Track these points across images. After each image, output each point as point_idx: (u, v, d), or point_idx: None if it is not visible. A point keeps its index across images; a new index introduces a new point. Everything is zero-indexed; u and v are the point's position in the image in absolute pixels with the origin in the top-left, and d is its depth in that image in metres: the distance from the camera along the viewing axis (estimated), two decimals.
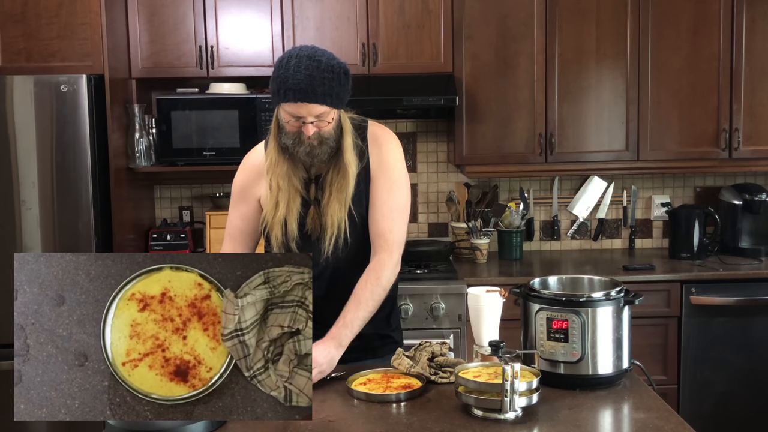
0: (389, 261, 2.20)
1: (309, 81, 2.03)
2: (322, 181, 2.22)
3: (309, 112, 2.06)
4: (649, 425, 1.79)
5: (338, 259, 2.22)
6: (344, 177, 2.17)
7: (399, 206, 2.25)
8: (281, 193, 2.19)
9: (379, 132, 2.30)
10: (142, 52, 3.76)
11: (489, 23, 3.81)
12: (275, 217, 2.20)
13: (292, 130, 2.12)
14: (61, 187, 3.41)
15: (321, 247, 2.20)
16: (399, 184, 2.26)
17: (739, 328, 3.67)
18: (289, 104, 2.06)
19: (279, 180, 2.19)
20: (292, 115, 2.08)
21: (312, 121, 2.08)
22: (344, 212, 2.18)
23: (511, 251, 4.08)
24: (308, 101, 2.04)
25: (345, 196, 2.17)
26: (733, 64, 3.86)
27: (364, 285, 2.16)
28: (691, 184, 4.32)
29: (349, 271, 2.22)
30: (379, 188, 2.23)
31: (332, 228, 2.17)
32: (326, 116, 2.09)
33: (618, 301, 2.02)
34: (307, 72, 2.03)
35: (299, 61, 2.05)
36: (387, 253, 2.20)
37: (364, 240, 2.25)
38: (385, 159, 2.25)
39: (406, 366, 2.09)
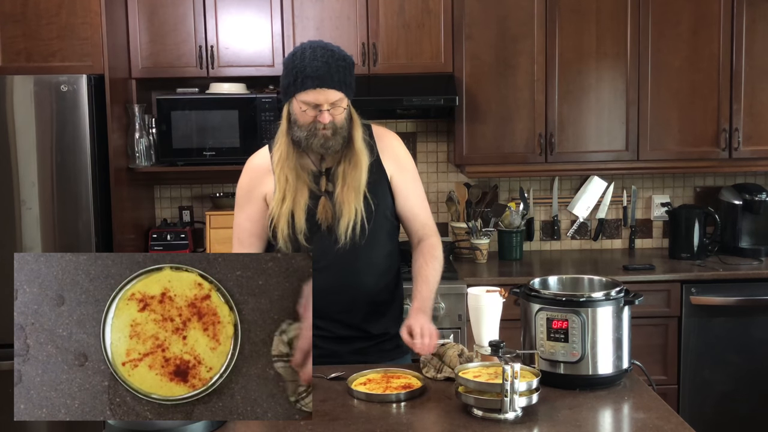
0: (439, 243, 2.38)
1: (326, 68, 2.13)
2: (333, 173, 2.26)
3: (326, 98, 2.15)
4: (649, 425, 1.79)
5: (354, 247, 2.24)
6: (356, 167, 2.23)
7: (424, 196, 2.43)
8: (288, 187, 2.23)
9: (384, 130, 2.41)
10: (142, 52, 3.76)
11: (489, 23, 3.81)
12: (281, 209, 2.23)
13: (308, 120, 2.17)
14: (61, 187, 3.41)
15: (335, 235, 2.23)
16: (417, 176, 2.41)
17: (739, 328, 3.67)
18: (307, 92, 2.14)
19: (287, 173, 2.23)
20: (309, 103, 2.15)
21: (328, 108, 2.15)
22: (360, 199, 2.24)
23: (511, 251, 4.08)
24: (326, 87, 2.13)
25: (359, 185, 2.23)
26: (733, 64, 3.86)
27: (425, 264, 2.32)
28: (691, 184, 4.32)
29: (360, 262, 2.26)
30: (407, 181, 2.36)
31: (349, 214, 2.22)
32: (341, 103, 2.18)
33: (618, 301, 2.02)
34: (323, 59, 2.13)
35: (314, 51, 2.15)
36: (435, 237, 2.38)
37: (377, 230, 2.29)
38: (402, 153, 2.38)
39: (433, 373, 2.10)
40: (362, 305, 2.31)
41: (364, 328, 2.33)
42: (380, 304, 2.34)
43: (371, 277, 2.30)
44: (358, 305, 2.30)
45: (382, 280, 2.33)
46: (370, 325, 2.33)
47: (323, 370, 2.15)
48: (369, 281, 2.30)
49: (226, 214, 3.91)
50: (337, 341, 2.32)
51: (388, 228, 2.35)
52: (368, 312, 2.32)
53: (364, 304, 2.31)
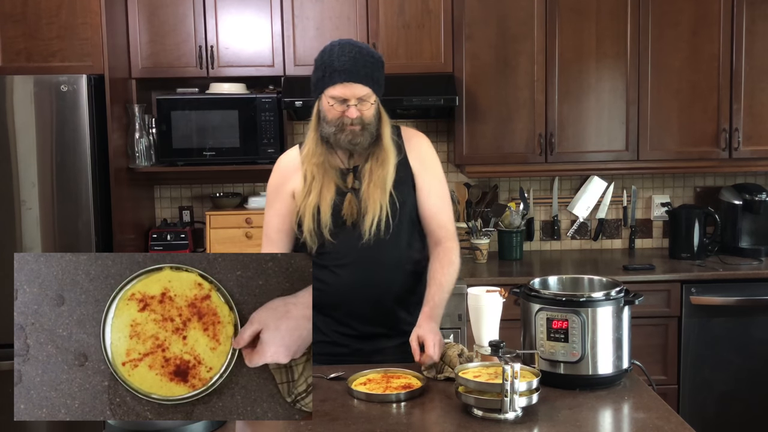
0: (456, 247, 2.37)
1: (353, 63, 2.19)
2: (360, 170, 2.29)
3: (353, 93, 2.20)
4: (649, 425, 1.79)
5: (378, 244, 2.25)
6: (383, 165, 2.26)
7: (448, 199, 2.42)
8: (314, 182, 2.26)
9: (413, 131, 2.45)
10: (142, 52, 3.76)
11: (489, 23, 3.81)
12: (306, 202, 2.25)
13: (336, 116, 2.22)
14: (61, 187, 3.41)
15: (359, 231, 2.25)
16: (443, 178, 2.42)
17: (739, 328, 3.67)
18: (335, 87, 2.19)
19: (314, 168, 2.27)
20: (337, 98, 2.20)
21: (355, 103, 2.20)
22: (386, 197, 2.26)
23: (511, 251, 4.08)
24: (353, 81, 2.19)
25: (386, 183, 2.26)
26: (733, 64, 3.86)
27: (440, 269, 2.30)
28: (691, 184, 4.32)
29: (383, 259, 2.28)
30: (430, 181, 2.37)
31: (374, 210, 2.24)
32: (368, 99, 2.23)
33: (618, 301, 2.02)
34: (351, 55, 2.20)
35: (342, 47, 2.21)
36: (453, 241, 2.37)
37: (402, 227, 2.31)
38: (429, 154, 2.40)
39: (433, 373, 2.11)
40: (385, 302, 2.32)
41: (387, 325, 2.34)
42: (403, 301, 2.35)
43: (394, 274, 2.31)
44: (381, 302, 2.31)
45: (405, 278, 2.34)
46: (392, 322, 2.34)
47: (323, 370, 2.15)
48: (392, 278, 2.31)
49: (226, 214, 3.92)
50: (359, 339, 2.33)
51: (413, 227, 2.37)
52: (390, 309, 2.33)
53: (386, 301, 2.32)
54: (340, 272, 2.28)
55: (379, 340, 2.33)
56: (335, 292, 2.29)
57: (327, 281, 2.29)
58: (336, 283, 2.28)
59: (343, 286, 2.28)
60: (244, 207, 4.02)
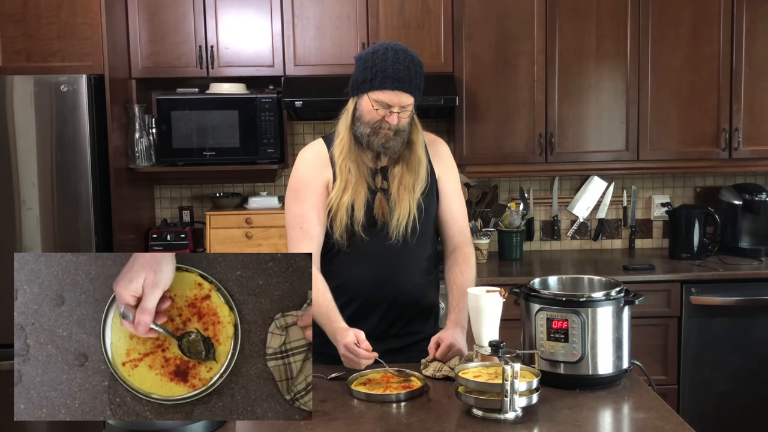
0: (473, 253, 2.42)
1: (407, 72, 2.21)
2: (389, 172, 2.30)
3: (399, 101, 2.21)
4: (649, 425, 1.79)
5: (404, 245, 2.28)
6: (413, 170, 2.29)
7: (465, 205, 2.48)
8: (351, 178, 2.26)
9: (434, 137, 2.47)
10: (142, 52, 3.76)
11: (489, 23, 3.81)
12: (342, 199, 2.25)
13: (375, 118, 2.22)
14: (61, 187, 3.41)
15: (387, 231, 2.27)
16: (460, 184, 2.48)
17: (739, 328, 3.67)
18: (383, 92, 2.20)
19: (350, 165, 2.27)
20: (382, 103, 2.21)
21: (398, 111, 2.21)
22: (415, 200, 2.28)
23: (511, 251, 4.08)
24: (404, 90, 2.20)
25: (415, 188, 2.28)
26: (733, 64, 3.86)
27: (461, 275, 2.35)
28: (691, 184, 4.32)
29: (406, 260, 2.31)
30: (452, 188, 2.42)
31: (402, 212, 2.26)
32: (409, 107, 2.25)
33: (618, 301, 2.02)
34: (405, 64, 2.21)
35: (396, 54, 2.22)
36: (470, 247, 2.42)
37: (426, 231, 2.34)
38: (450, 159, 2.46)
39: (432, 372, 2.11)
40: (402, 302, 2.33)
41: (400, 325, 2.35)
42: (418, 303, 2.37)
43: (414, 275, 2.34)
44: (398, 301, 2.33)
45: (423, 280, 2.38)
46: (405, 322, 2.35)
47: (323, 370, 2.15)
48: (412, 279, 2.34)
49: (226, 214, 3.92)
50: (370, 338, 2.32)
51: (434, 232, 2.41)
52: (406, 310, 2.35)
53: (403, 302, 2.34)
54: (361, 269, 2.30)
55: (391, 340, 2.33)
56: (354, 289, 2.30)
57: (346, 277, 2.30)
58: (356, 280, 2.30)
59: (364, 282, 2.30)
60: (244, 207, 4.02)
